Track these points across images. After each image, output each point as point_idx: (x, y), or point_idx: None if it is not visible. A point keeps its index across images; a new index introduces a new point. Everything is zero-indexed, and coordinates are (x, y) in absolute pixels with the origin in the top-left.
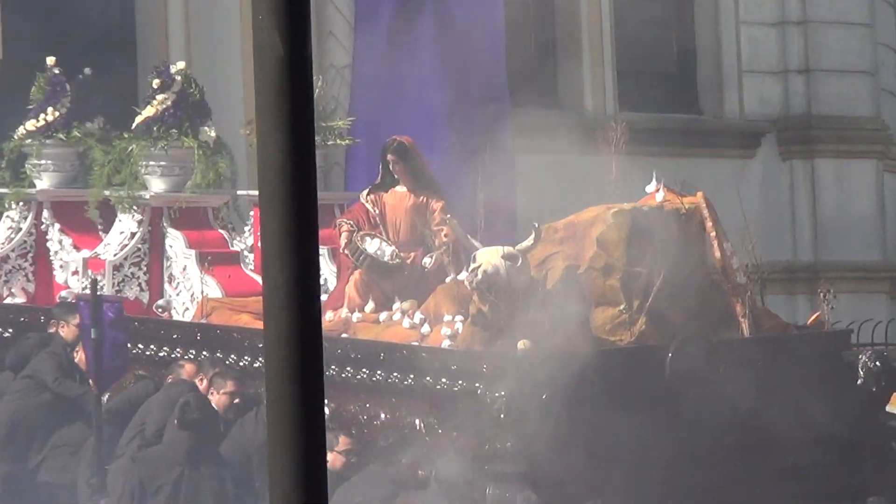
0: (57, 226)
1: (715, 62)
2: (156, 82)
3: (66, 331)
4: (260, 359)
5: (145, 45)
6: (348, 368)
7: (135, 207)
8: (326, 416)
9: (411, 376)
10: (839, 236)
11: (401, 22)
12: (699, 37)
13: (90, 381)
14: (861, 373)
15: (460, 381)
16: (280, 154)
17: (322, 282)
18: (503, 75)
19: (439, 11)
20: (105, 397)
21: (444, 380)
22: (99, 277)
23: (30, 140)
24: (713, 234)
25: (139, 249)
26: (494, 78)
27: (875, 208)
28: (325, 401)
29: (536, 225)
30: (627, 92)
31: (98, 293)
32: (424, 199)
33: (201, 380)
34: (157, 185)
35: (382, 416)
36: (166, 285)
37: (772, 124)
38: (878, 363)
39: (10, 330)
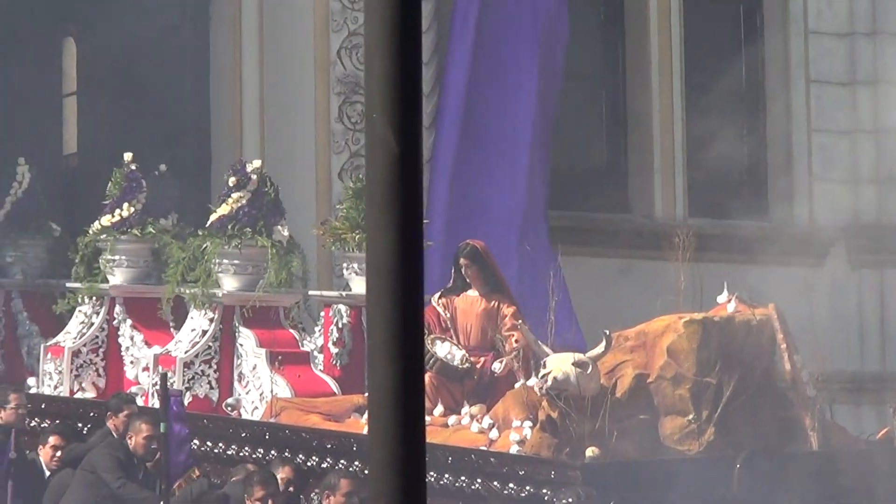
0: (129, 321)
1: (786, 169)
2: (231, 180)
3: (116, 422)
4: (328, 459)
5: (220, 142)
6: None
7: (207, 305)
8: None
9: (479, 481)
10: None
11: (474, 127)
12: (770, 144)
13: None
14: None
15: (528, 487)
16: (389, 252)
17: None
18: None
19: (507, 116)
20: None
21: (511, 485)
22: (169, 373)
23: (104, 235)
24: (784, 345)
25: (210, 347)
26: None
27: None
28: None
29: (607, 332)
30: (698, 198)
31: (167, 387)
32: (496, 304)
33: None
34: (229, 283)
35: None
36: (236, 384)
37: (841, 232)
38: None
39: (80, 424)
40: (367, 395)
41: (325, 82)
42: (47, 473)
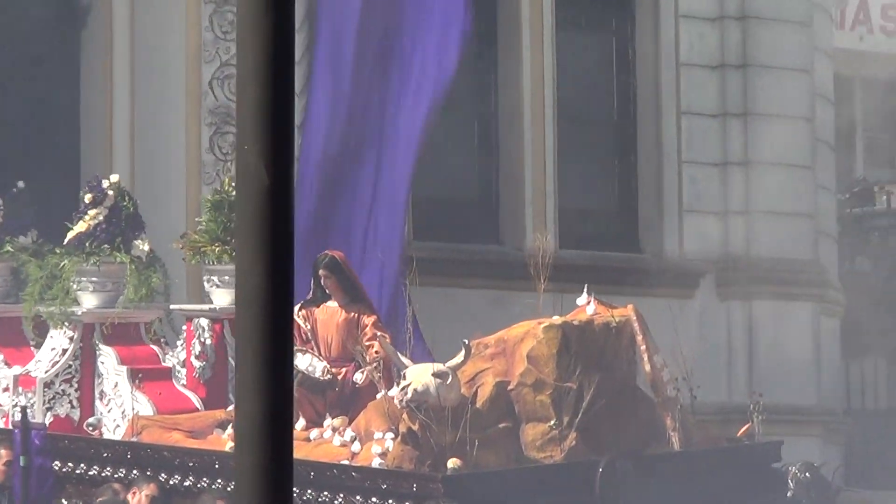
0: None
1: (656, 201)
2: (87, 197)
3: None
4: (190, 478)
5: (90, 159)
6: None
7: (66, 323)
8: None
9: (341, 496)
10: (774, 378)
11: (342, 136)
12: (641, 175)
13: None
14: (791, 484)
15: (390, 501)
16: (259, 281)
17: None
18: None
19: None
20: None
21: (374, 499)
22: (28, 404)
23: None
24: (644, 346)
25: (70, 366)
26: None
27: (811, 351)
28: None
29: (466, 342)
30: (568, 229)
31: (27, 421)
32: (355, 315)
33: (133, 493)
34: (89, 300)
35: None
36: (97, 402)
37: (711, 264)
38: (808, 475)
39: None
40: (232, 409)
41: (197, 112)
42: None
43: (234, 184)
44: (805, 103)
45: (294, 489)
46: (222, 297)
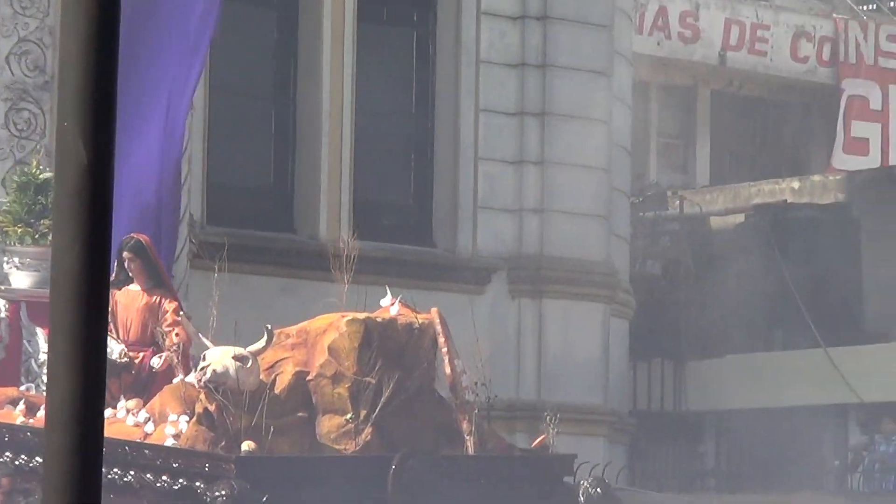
0: None
1: (451, 196)
2: None
3: None
4: (37, 458)
5: None
6: None
7: None
8: None
9: (132, 473)
10: (563, 377)
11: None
12: (437, 170)
13: None
14: (581, 498)
15: (181, 480)
16: (76, 264)
17: None
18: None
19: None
20: None
21: (164, 478)
22: None
23: None
24: (445, 349)
25: None
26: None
27: (600, 351)
28: None
29: (269, 327)
30: (363, 221)
31: None
32: (157, 299)
33: None
34: None
35: None
36: None
37: (503, 261)
38: (598, 490)
39: None
40: (24, 388)
41: None
42: None
43: (41, 165)
44: (603, 106)
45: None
46: (21, 279)
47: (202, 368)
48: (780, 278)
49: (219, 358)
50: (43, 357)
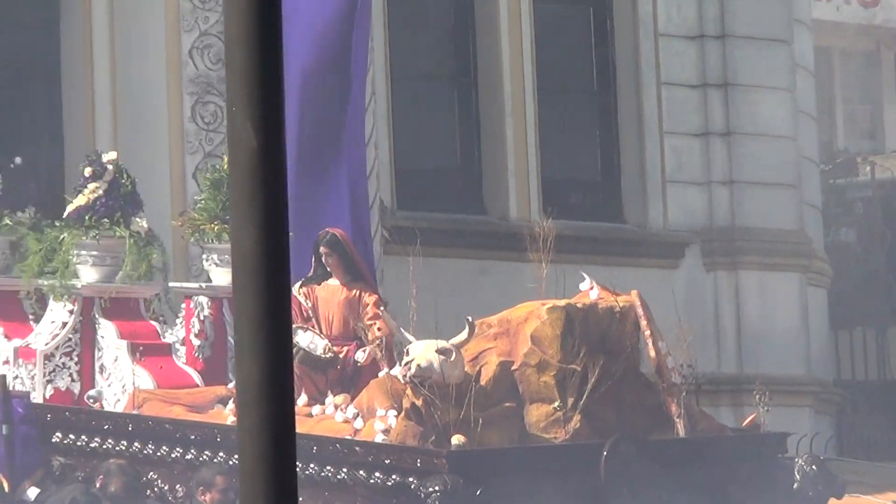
0: None
1: (639, 171)
2: (87, 171)
3: None
4: (192, 451)
5: (72, 135)
6: None
7: (66, 297)
8: None
9: (344, 470)
10: (763, 349)
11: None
12: (623, 146)
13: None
14: (797, 476)
15: (394, 476)
16: (253, 245)
17: None
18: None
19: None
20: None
21: (377, 474)
22: (8, 374)
23: None
24: (648, 332)
25: (70, 339)
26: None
27: (799, 321)
28: None
29: (470, 319)
30: (552, 200)
31: (6, 389)
32: (357, 293)
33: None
34: (88, 274)
35: None
36: (98, 376)
37: (696, 235)
38: (814, 467)
39: None
40: (232, 386)
41: (178, 82)
42: None
43: None
44: (785, 74)
45: (296, 463)
46: (221, 276)
47: (406, 364)
48: None
49: (422, 352)
50: None
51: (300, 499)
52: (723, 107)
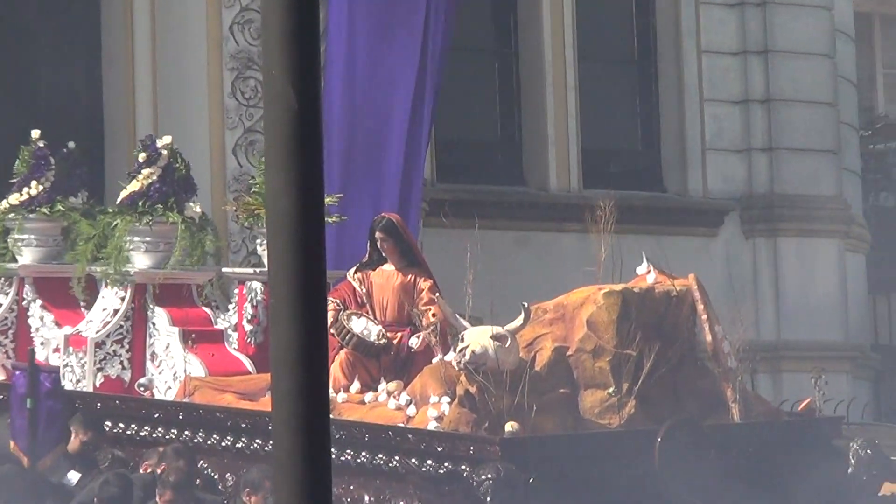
0: (38, 302)
1: (679, 139)
2: (142, 156)
3: None
4: (243, 439)
5: (112, 118)
6: (332, 449)
7: (119, 284)
8: None
9: (396, 458)
10: (802, 315)
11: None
12: (663, 114)
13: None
14: (852, 461)
15: (447, 464)
16: (291, 208)
17: None
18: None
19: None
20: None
21: (430, 462)
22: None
23: (13, 214)
24: (704, 316)
25: (122, 326)
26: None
27: (837, 287)
28: None
29: (526, 304)
30: (591, 169)
31: (34, 362)
32: (412, 278)
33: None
34: (141, 260)
35: (367, 498)
36: (149, 363)
37: (735, 202)
38: (869, 451)
39: None
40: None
41: (218, 58)
42: None
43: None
44: (825, 40)
45: (348, 451)
46: None
47: (461, 350)
48: None
49: (477, 338)
50: None
51: (351, 487)
52: (763, 74)
